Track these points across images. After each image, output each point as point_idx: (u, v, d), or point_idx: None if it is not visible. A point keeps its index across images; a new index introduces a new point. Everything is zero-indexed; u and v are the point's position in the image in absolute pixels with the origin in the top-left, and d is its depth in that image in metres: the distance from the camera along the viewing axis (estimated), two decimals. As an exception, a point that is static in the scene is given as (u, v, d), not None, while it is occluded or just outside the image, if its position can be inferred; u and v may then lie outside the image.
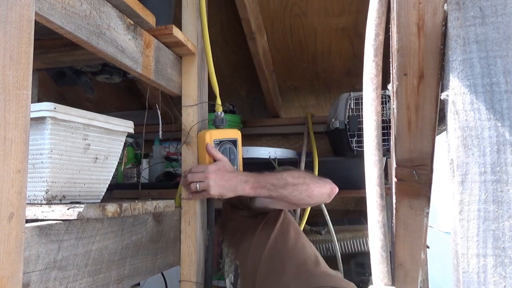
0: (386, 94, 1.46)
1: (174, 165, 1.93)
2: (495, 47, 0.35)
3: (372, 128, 0.41)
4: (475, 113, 0.35)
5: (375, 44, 0.42)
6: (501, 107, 0.35)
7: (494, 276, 0.33)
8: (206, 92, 1.28)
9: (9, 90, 0.48)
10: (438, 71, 0.40)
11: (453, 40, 0.37)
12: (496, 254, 0.34)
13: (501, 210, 0.34)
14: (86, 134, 0.85)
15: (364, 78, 0.42)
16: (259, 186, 1.13)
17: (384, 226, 0.40)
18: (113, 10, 0.87)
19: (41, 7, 0.66)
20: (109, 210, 0.79)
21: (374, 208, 0.40)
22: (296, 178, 1.16)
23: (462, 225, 0.35)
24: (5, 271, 0.48)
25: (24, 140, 0.50)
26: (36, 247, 0.66)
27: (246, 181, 1.13)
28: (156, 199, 1.02)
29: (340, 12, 1.77)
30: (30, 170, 0.77)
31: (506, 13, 0.35)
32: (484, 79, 0.35)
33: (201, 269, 1.19)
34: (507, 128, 0.34)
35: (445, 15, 0.38)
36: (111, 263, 0.85)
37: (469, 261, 0.34)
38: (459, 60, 0.36)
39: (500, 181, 0.34)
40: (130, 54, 0.93)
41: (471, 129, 0.35)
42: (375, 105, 0.41)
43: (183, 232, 1.17)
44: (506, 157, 0.34)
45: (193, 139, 1.19)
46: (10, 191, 0.48)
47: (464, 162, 0.35)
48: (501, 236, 0.34)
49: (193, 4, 1.22)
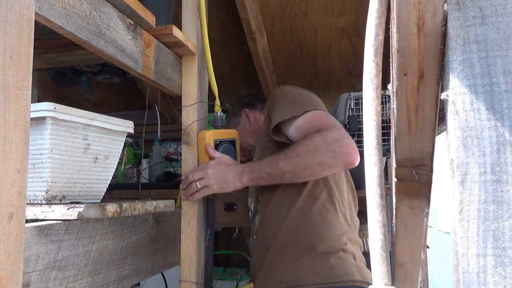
0: (386, 94, 1.46)
1: (174, 165, 1.93)
2: (495, 47, 0.35)
3: (372, 128, 0.41)
4: (475, 113, 0.35)
5: (375, 44, 0.42)
6: (501, 107, 0.35)
7: (494, 276, 0.33)
8: (206, 92, 1.28)
9: (9, 90, 0.48)
10: (438, 71, 0.40)
11: (453, 40, 0.37)
12: (496, 254, 0.34)
13: (501, 210, 0.34)
14: (86, 134, 0.85)
15: (364, 78, 0.42)
16: (256, 177, 1.10)
17: (384, 226, 0.40)
18: (113, 10, 0.87)
19: (41, 7, 0.66)
20: (109, 210, 0.79)
21: (374, 208, 0.40)
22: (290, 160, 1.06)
23: (462, 225, 0.35)
24: (5, 271, 0.48)
25: (24, 140, 0.50)
26: (36, 247, 0.66)
27: (242, 172, 1.11)
28: (156, 199, 1.02)
29: (340, 12, 1.77)
30: (30, 170, 0.77)
31: (506, 13, 0.35)
32: (484, 79, 0.35)
33: (201, 269, 1.19)
34: (507, 128, 0.34)
35: (445, 15, 0.38)
36: (111, 263, 0.85)
37: (469, 261, 0.34)
38: (459, 60, 0.36)
39: (500, 181, 0.34)
40: (130, 54, 0.93)
41: (471, 129, 0.35)
42: (375, 105, 0.41)
43: (183, 232, 1.17)
44: (506, 157, 0.34)
45: (193, 139, 1.19)
46: (10, 191, 0.48)
47: (464, 162, 0.35)
48: (501, 236, 0.34)
49: (193, 4, 1.21)
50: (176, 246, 1.15)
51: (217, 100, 1.25)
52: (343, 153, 1.03)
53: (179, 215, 1.17)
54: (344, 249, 1.10)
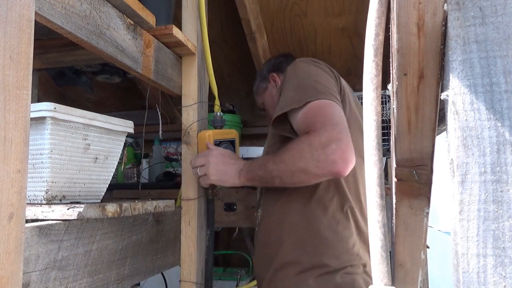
0: (386, 94, 1.46)
1: (174, 165, 1.93)
2: (495, 47, 0.35)
3: (372, 128, 0.41)
4: (475, 113, 0.35)
5: (375, 44, 0.42)
6: (501, 107, 0.35)
7: (494, 276, 0.33)
8: (206, 92, 1.28)
9: (9, 90, 0.48)
10: (438, 71, 0.40)
11: (453, 40, 0.37)
12: (496, 254, 0.34)
13: (501, 210, 0.34)
14: (86, 134, 0.85)
15: (364, 78, 0.42)
16: (251, 177, 1.06)
17: (384, 226, 0.40)
18: (113, 10, 0.87)
19: (41, 7, 0.66)
20: (109, 210, 0.79)
21: (374, 208, 0.40)
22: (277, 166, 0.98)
23: (462, 225, 0.35)
24: (5, 271, 0.48)
25: (24, 140, 0.50)
26: (36, 247, 0.66)
27: (241, 169, 1.07)
28: (156, 199, 1.02)
29: (340, 12, 1.77)
30: (30, 170, 0.77)
31: (506, 13, 0.35)
32: (484, 79, 0.35)
33: (201, 269, 1.19)
34: (507, 128, 0.34)
35: (445, 15, 0.38)
36: (111, 263, 0.85)
37: (469, 261, 0.34)
38: (459, 60, 0.36)
39: (500, 181, 0.34)
40: (130, 54, 0.93)
41: (471, 129, 0.35)
42: (375, 105, 0.41)
43: (183, 232, 1.17)
44: (506, 157, 0.34)
45: (193, 139, 1.19)
46: (10, 191, 0.48)
47: (464, 162, 0.35)
48: (501, 236, 0.34)
49: (193, 4, 1.22)
50: (176, 246, 1.15)
51: (217, 100, 1.25)
52: (328, 162, 0.91)
53: (179, 215, 1.17)
54: (353, 264, 1.04)
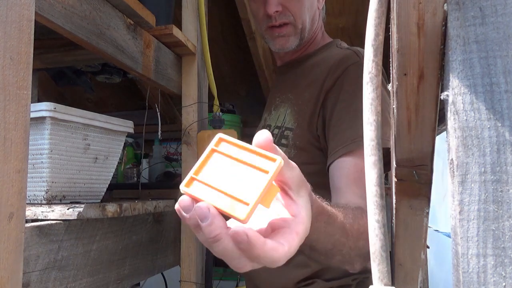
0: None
1: (174, 165, 1.93)
2: (495, 47, 0.35)
3: (372, 128, 0.41)
4: (475, 113, 0.35)
5: (375, 44, 0.42)
6: (501, 107, 0.35)
7: (494, 276, 0.33)
8: (206, 92, 1.28)
9: (9, 90, 0.48)
10: (438, 71, 0.40)
11: (453, 40, 0.37)
12: (496, 254, 0.34)
13: (501, 210, 0.34)
14: (86, 134, 0.85)
15: (364, 78, 0.42)
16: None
17: (384, 226, 0.40)
18: (113, 10, 0.87)
19: (41, 7, 0.66)
20: (109, 210, 0.79)
21: (374, 208, 0.40)
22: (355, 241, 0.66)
23: (462, 225, 0.35)
24: (5, 271, 0.47)
25: (24, 140, 0.50)
26: (36, 247, 0.66)
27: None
28: (156, 199, 1.02)
29: (340, 12, 1.77)
30: (30, 170, 0.77)
31: (506, 13, 0.35)
32: (484, 79, 0.35)
33: (201, 269, 1.19)
34: (507, 128, 0.34)
35: (445, 15, 0.38)
36: (111, 263, 0.85)
37: (469, 261, 0.34)
38: (459, 60, 0.36)
39: (500, 181, 0.34)
40: (130, 54, 0.93)
41: (471, 129, 0.35)
42: (375, 105, 0.41)
43: (183, 232, 1.17)
44: (506, 157, 0.34)
45: (193, 139, 1.19)
46: (10, 191, 0.48)
47: (464, 162, 0.35)
48: (501, 236, 0.34)
49: (193, 4, 1.22)
50: (176, 246, 1.15)
51: (216, 100, 1.25)
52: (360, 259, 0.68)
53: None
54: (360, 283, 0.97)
